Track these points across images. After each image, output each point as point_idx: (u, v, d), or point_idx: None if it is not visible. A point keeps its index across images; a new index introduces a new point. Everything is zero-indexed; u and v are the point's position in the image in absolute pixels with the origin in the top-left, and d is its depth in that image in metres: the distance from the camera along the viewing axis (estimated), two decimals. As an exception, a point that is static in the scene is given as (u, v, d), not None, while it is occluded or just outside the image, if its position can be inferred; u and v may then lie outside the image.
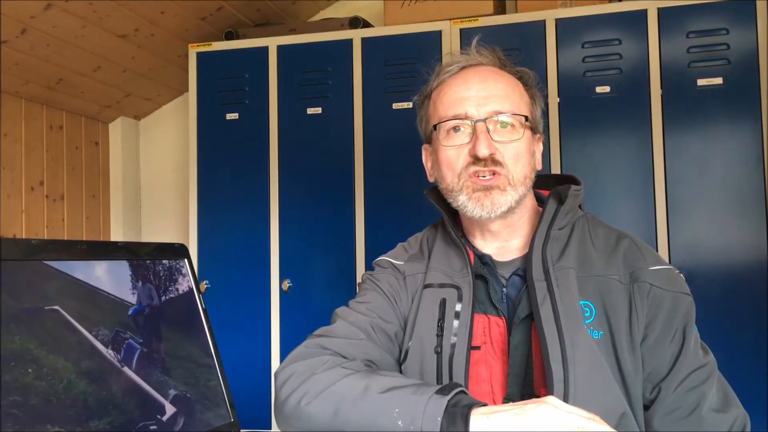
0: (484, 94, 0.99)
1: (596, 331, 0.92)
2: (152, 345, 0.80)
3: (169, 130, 3.28)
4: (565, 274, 0.95)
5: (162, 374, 0.79)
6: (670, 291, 0.94)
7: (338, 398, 0.84)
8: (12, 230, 2.61)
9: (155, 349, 0.80)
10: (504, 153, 0.97)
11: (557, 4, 2.40)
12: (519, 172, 0.98)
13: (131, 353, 0.76)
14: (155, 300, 0.84)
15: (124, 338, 0.76)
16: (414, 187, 2.43)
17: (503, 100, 0.99)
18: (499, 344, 0.98)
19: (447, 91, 1.02)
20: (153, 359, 0.79)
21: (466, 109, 0.98)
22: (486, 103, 0.98)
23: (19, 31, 2.27)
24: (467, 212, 0.99)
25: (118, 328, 0.76)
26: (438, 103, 1.03)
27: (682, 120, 2.21)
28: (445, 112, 1.01)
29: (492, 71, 1.02)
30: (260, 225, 2.56)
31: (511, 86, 1.01)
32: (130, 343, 0.76)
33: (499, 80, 1.01)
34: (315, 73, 2.56)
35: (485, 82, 1.00)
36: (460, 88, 1.01)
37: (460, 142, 0.99)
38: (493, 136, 0.97)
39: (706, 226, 2.18)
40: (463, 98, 0.99)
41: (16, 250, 0.67)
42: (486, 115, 0.97)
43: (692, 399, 0.90)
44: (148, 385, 0.76)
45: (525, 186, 0.99)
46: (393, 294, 1.06)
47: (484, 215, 0.98)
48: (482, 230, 1.05)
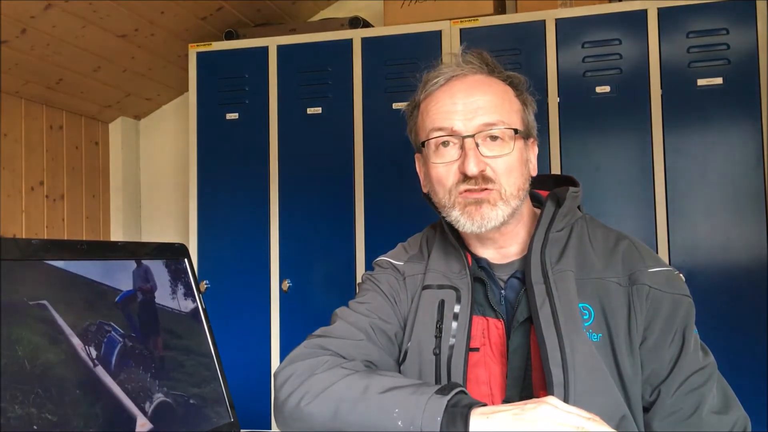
0: (472, 107, 0.96)
1: (595, 334, 0.92)
2: (140, 340, 0.79)
3: (169, 130, 3.28)
4: (563, 277, 0.94)
5: (146, 375, 0.75)
6: (669, 293, 0.93)
7: (338, 398, 0.84)
8: (12, 230, 2.61)
9: (145, 345, 0.80)
10: (495, 167, 0.95)
11: (557, 4, 2.40)
12: (512, 185, 0.96)
13: (111, 348, 0.72)
14: (154, 299, 0.84)
15: (106, 331, 0.73)
16: (414, 188, 2.43)
17: (492, 111, 0.96)
18: (498, 346, 0.97)
19: (434, 105, 0.99)
20: (139, 356, 0.77)
21: (453, 123, 0.96)
22: (474, 116, 0.95)
23: (19, 31, 2.27)
24: (459, 227, 0.98)
25: (102, 320, 0.73)
26: (425, 116, 1.01)
27: (682, 120, 2.21)
28: (432, 126, 0.98)
29: (479, 81, 0.99)
30: (260, 225, 2.56)
31: (499, 96, 0.98)
32: (112, 337, 0.73)
33: (486, 91, 0.98)
34: (315, 73, 2.56)
35: (472, 95, 0.97)
36: (446, 102, 0.98)
37: (450, 158, 0.97)
38: (482, 151, 0.95)
39: (706, 226, 2.18)
40: (450, 112, 0.97)
41: (16, 250, 0.67)
42: (474, 131, 0.95)
43: (692, 401, 0.90)
44: (123, 392, 0.71)
45: (518, 198, 0.97)
46: (393, 294, 1.06)
47: (475, 230, 0.96)
48: (479, 237, 1.03)
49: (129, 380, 0.74)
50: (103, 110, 3.06)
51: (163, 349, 0.81)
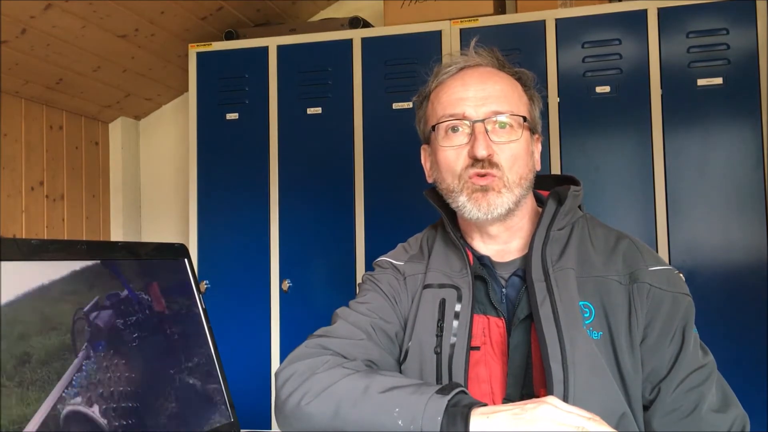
0: (483, 95, 0.99)
1: (596, 332, 0.92)
2: (140, 340, 0.79)
3: (169, 130, 3.28)
4: (564, 275, 0.94)
5: (145, 375, 0.75)
6: (670, 291, 0.94)
7: (338, 398, 0.84)
8: (12, 230, 2.61)
9: (145, 345, 0.80)
10: (501, 154, 0.97)
11: (557, 4, 2.40)
12: (515, 173, 0.98)
13: (111, 348, 0.72)
14: (154, 300, 0.84)
15: (106, 331, 0.72)
16: (414, 188, 2.43)
17: (502, 100, 0.99)
18: (499, 345, 0.98)
19: (445, 92, 1.02)
20: (138, 356, 0.77)
21: (464, 109, 0.98)
22: (484, 103, 0.98)
23: (19, 31, 2.27)
24: (465, 213, 0.99)
25: (102, 320, 0.73)
26: (436, 103, 1.03)
27: (682, 120, 2.21)
28: (443, 112, 1.00)
29: (490, 72, 1.02)
30: (260, 225, 2.56)
31: (509, 87, 1.01)
32: (112, 337, 0.73)
33: (497, 81, 1.01)
34: (315, 73, 2.56)
35: (484, 83, 1.00)
36: (458, 89, 1.01)
37: (459, 142, 0.99)
38: (491, 137, 0.97)
39: (706, 226, 2.18)
40: (462, 99, 0.99)
41: (16, 250, 0.67)
42: (484, 116, 0.97)
43: (691, 399, 0.90)
44: (123, 392, 0.70)
45: (521, 187, 0.99)
46: (393, 294, 1.06)
47: (481, 217, 0.98)
48: (481, 233, 1.04)
49: (128, 380, 0.74)
50: (103, 110, 3.06)
51: (162, 349, 0.81)
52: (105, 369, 0.71)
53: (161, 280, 0.86)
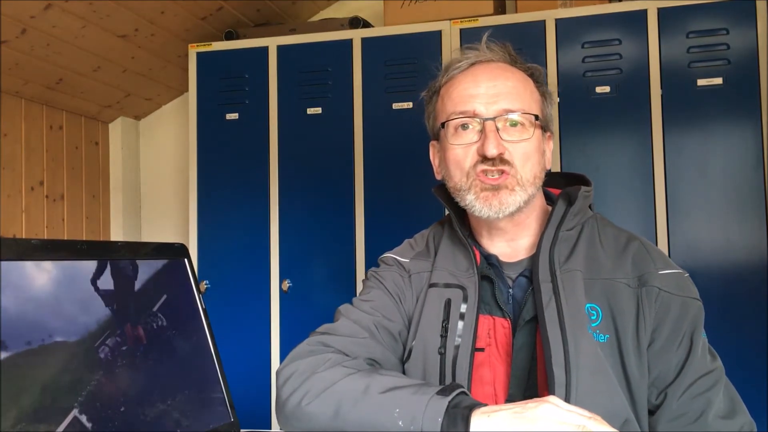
0: (494, 92, 0.96)
1: (602, 335, 0.91)
2: (139, 340, 0.79)
3: (169, 130, 3.28)
4: (571, 277, 0.93)
5: (145, 375, 0.75)
6: (679, 296, 0.93)
7: (339, 398, 0.83)
8: (12, 230, 2.61)
9: (144, 345, 0.80)
10: (513, 152, 0.95)
11: (557, 4, 2.40)
12: (528, 171, 0.96)
13: (110, 348, 0.73)
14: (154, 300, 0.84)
15: (106, 331, 0.73)
16: (414, 187, 2.44)
17: (513, 98, 0.97)
18: (504, 346, 0.97)
19: (456, 88, 1.00)
20: (138, 356, 0.77)
21: (475, 106, 0.96)
22: (496, 101, 0.96)
23: (19, 31, 2.27)
24: (475, 212, 0.97)
25: (101, 320, 0.73)
26: (447, 99, 1.01)
27: (682, 120, 2.21)
28: (453, 109, 0.98)
29: (502, 68, 1.00)
30: (260, 225, 2.56)
31: (521, 83, 0.99)
32: (111, 337, 0.74)
33: (509, 77, 0.98)
34: (315, 73, 2.56)
35: (495, 79, 0.98)
36: (469, 85, 0.98)
37: (469, 140, 0.97)
38: (502, 135, 0.95)
39: (706, 226, 2.18)
40: (473, 95, 0.97)
41: (16, 250, 0.67)
42: (495, 114, 0.95)
43: (698, 405, 0.89)
44: (122, 391, 0.72)
45: (534, 186, 0.97)
46: (398, 293, 1.05)
47: (492, 215, 0.96)
48: (489, 228, 1.03)
49: (128, 380, 0.73)
50: (103, 110, 3.06)
51: (162, 349, 0.81)
52: (105, 369, 0.71)
53: (161, 280, 0.86)
